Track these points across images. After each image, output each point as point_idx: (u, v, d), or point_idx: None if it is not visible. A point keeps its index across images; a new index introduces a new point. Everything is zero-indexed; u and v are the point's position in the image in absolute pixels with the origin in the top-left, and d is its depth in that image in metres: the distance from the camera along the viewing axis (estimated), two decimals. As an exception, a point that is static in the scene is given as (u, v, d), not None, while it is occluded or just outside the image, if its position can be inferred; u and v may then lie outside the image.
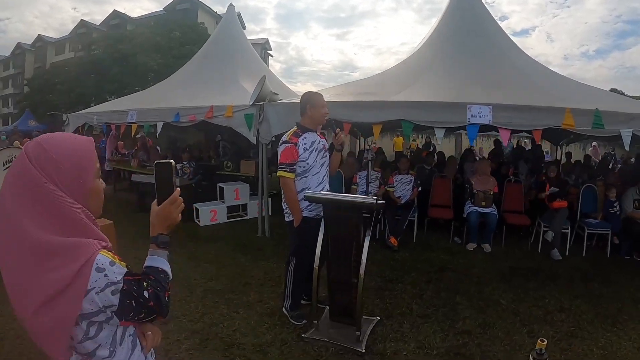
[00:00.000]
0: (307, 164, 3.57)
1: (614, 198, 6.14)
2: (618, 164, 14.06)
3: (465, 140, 18.67)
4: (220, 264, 5.39)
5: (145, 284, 1.17)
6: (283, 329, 3.71)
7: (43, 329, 1.05)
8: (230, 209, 7.91)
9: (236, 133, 6.85)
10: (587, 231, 6.07)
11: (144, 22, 37.10)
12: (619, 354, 3.44)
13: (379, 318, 3.88)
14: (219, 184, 8.13)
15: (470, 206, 6.30)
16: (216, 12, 39.11)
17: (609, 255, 5.98)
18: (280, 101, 6.39)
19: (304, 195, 3.44)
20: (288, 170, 3.49)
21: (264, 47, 47.96)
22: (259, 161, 6.76)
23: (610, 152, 16.72)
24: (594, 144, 16.18)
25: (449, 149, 18.20)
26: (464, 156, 9.68)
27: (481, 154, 17.38)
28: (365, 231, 3.32)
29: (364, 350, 3.35)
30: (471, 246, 6.13)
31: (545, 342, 1.95)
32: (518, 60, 6.88)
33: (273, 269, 5.14)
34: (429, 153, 10.06)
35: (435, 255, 5.83)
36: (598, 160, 12.70)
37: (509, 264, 5.51)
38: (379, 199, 6.27)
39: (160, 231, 1.30)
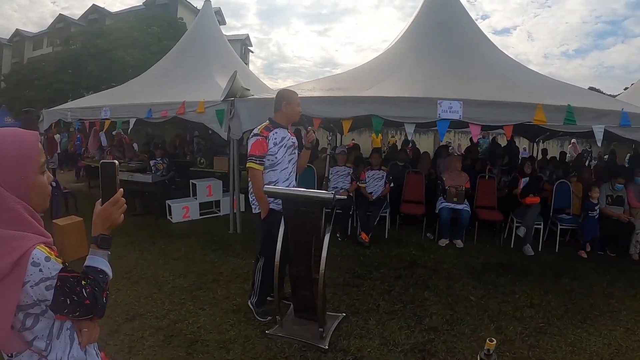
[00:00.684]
0: (276, 157, 3.57)
1: (596, 200, 5.94)
2: (594, 161, 14.30)
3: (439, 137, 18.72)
4: (189, 261, 5.34)
5: (83, 282, 1.17)
6: (248, 326, 3.68)
7: None
8: (203, 206, 7.85)
9: (211, 129, 6.78)
10: (560, 227, 6.11)
11: (123, 17, 36.46)
12: (589, 350, 3.44)
13: (344, 314, 3.85)
14: (191, 181, 8.05)
15: (442, 202, 6.30)
16: (196, 8, 38.65)
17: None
18: (251, 97, 6.32)
19: (263, 189, 3.41)
20: (257, 162, 3.50)
21: (244, 43, 47.59)
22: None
23: (587, 149, 16.98)
24: (573, 141, 16.34)
25: (427, 145, 18.27)
26: (437, 152, 9.68)
27: (459, 150, 17.50)
28: (325, 226, 3.28)
29: (327, 347, 3.32)
30: (443, 242, 6.14)
31: (494, 342, 1.94)
32: (492, 56, 6.91)
33: (242, 265, 5.10)
34: (402, 149, 10.03)
35: (406, 251, 5.82)
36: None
37: (481, 260, 5.52)
38: (346, 194, 6.37)
39: (102, 231, 1.30)
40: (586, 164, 11.96)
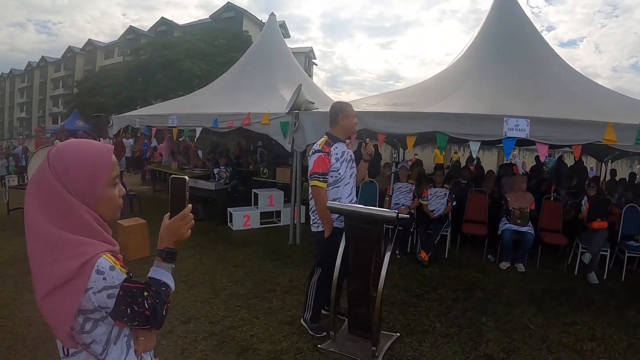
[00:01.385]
0: (339, 173, 3.54)
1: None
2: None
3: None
4: (247, 269, 5.45)
5: (145, 293, 1.19)
6: (300, 338, 3.69)
7: (49, 314, 1.13)
8: (264, 215, 7.99)
9: (274, 140, 6.92)
10: (628, 254, 5.72)
11: (190, 29, 38.22)
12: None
13: (398, 334, 3.78)
14: (253, 190, 8.23)
15: (505, 223, 6.08)
16: (261, 21, 39.85)
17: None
18: (315, 110, 6.41)
19: (326, 205, 3.40)
20: (321, 179, 3.44)
21: (308, 56, 48.49)
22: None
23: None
24: (644, 161, 15.39)
25: (490, 161, 17.75)
26: (502, 171, 9.35)
27: (524, 168, 16.86)
28: (386, 244, 3.26)
29: (379, 367, 3.27)
30: (504, 265, 5.91)
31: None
32: (560, 71, 6.66)
33: (299, 277, 5.13)
34: (465, 167, 9.77)
35: (465, 272, 5.64)
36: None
37: (542, 285, 5.26)
38: (407, 211, 6.29)
39: (167, 245, 1.32)
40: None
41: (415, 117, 5.35)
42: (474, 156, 6.61)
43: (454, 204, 6.67)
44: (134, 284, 1.17)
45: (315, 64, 54.09)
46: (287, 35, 44.16)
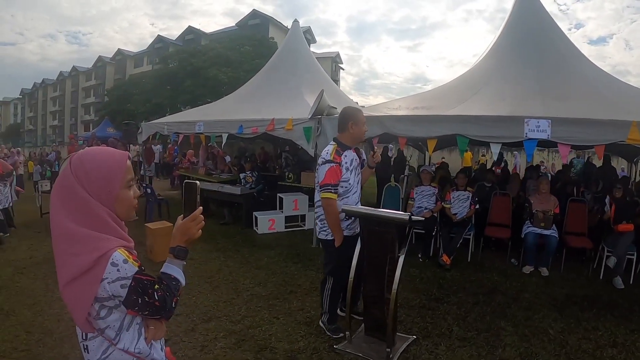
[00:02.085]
0: (349, 184, 3.55)
1: None
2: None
3: (535, 156, 17.79)
4: (270, 271, 5.57)
5: (156, 286, 1.32)
6: (317, 338, 3.76)
7: (69, 301, 1.27)
8: (289, 219, 8.11)
9: (300, 145, 7.05)
10: (656, 259, 5.54)
11: (217, 37, 38.91)
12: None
13: (414, 337, 3.80)
14: (278, 194, 8.37)
15: (528, 226, 6.00)
16: (287, 27, 40.11)
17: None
18: (337, 115, 6.48)
19: (342, 208, 3.46)
20: (333, 191, 3.44)
21: (334, 60, 48.59)
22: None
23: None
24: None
25: (522, 165, 17.45)
26: (527, 173, 9.19)
27: (553, 170, 16.51)
28: (400, 246, 3.30)
29: (393, 368, 3.30)
30: (527, 269, 5.83)
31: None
32: (583, 70, 6.54)
33: (320, 279, 5.17)
34: (489, 169, 9.66)
35: (487, 276, 5.61)
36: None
37: (565, 290, 5.16)
38: (430, 214, 6.29)
39: (179, 243, 1.46)
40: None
41: (435, 120, 5.37)
42: (495, 158, 6.54)
43: (477, 207, 6.63)
44: (145, 276, 1.30)
45: (342, 69, 54.15)
46: (314, 41, 44.37)
